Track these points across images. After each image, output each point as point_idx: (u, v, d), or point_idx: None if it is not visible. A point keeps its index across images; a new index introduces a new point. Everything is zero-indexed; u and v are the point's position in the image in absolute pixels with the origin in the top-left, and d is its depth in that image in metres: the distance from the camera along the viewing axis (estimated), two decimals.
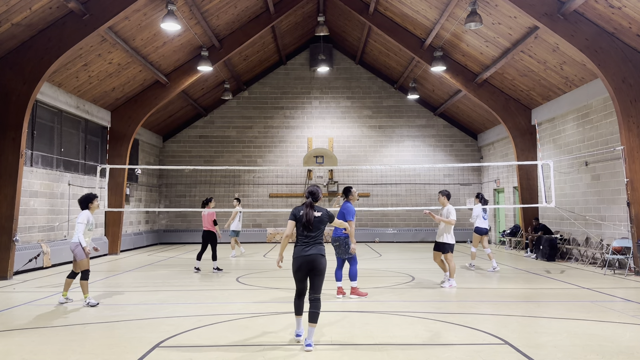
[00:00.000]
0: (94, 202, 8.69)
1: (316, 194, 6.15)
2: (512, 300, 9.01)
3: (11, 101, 12.03)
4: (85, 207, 8.63)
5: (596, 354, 5.57)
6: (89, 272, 8.63)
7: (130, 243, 19.81)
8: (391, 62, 22.32)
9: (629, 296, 9.25)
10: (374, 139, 24.24)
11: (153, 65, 16.70)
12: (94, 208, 8.71)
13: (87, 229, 8.57)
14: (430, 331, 6.65)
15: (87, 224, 8.52)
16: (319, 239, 6.05)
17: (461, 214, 23.88)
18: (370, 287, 10.36)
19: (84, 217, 8.51)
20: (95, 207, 8.72)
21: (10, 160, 11.92)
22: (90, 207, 8.64)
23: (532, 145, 17.95)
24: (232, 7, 16.49)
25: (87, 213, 8.58)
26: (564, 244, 15.76)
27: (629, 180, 12.08)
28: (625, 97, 12.10)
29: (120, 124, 18.13)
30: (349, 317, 7.54)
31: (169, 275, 12.47)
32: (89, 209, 8.64)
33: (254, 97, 24.38)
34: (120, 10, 12.47)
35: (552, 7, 12.36)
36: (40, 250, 13.47)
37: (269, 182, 23.82)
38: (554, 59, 14.47)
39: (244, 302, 8.78)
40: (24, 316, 7.71)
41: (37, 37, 12.16)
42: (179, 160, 23.92)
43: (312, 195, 6.12)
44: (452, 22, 15.57)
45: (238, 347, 5.96)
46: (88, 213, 8.60)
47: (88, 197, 8.68)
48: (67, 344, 6.07)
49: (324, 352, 5.72)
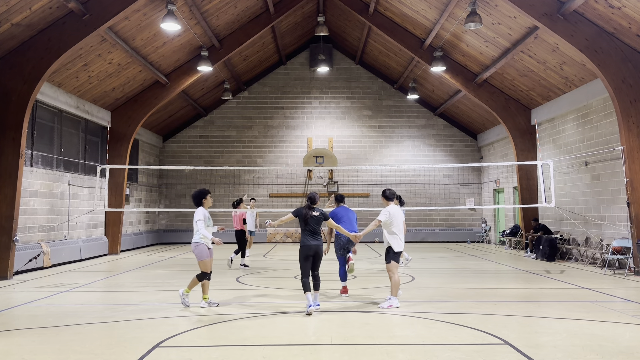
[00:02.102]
0: (207, 198, 8.49)
1: (314, 198, 8.15)
2: (512, 300, 9.01)
3: (11, 101, 12.03)
4: (199, 203, 8.44)
5: (596, 354, 5.58)
6: (211, 272, 8.46)
7: (130, 243, 19.81)
8: (391, 62, 22.32)
9: (629, 296, 9.25)
10: (374, 139, 24.24)
11: (153, 65, 16.70)
12: (208, 204, 8.50)
13: (205, 225, 8.32)
14: (430, 331, 6.65)
15: (204, 219, 8.28)
16: (319, 232, 8.01)
17: (461, 214, 23.92)
18: (370, 287, 10.37)
19: (201, 213, 8.30)
20: (209, 203, 8.51)
21: (10, 160, 11.92)
22: (203, 203, 8.44)
23: (532, 145, 17.95)
24: (232, 7, 16.49)
25: (202, 209, 8.39)
26: (564, 244, 15.77)
27: (629, 180, 12.08)
28: (625, 97, 12.10)
29: (120, 124, 18.12)
30: (349, 317, 7.54)
31: (169, 275, 12.47)
32: (203, 205, 8.45)
33: (254, 97, 24.38)
34: (120, 10, 12.46)
35: (552, 7, 12.36)
36: (40, 250, 13.47)
37: (269, 182, 23.82)
38: (553, 59, 14.47)
39: (244, 302, 8.78)
40: (24, 316, 7.71)
41: (37, 37, 12.16)
42: (179, 160, 23.92)
43: (311, 200, 8.12)
44: (452, 22, 15.57)
45: (238, 347, 5.96)
46: (203, 209, 8.41)
47: (201, 193, 8.49)
48: (67, 344, 6.07)
49: (324, 352, 5.72)
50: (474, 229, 23.63)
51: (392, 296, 8.23)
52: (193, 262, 15.42)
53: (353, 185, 23.94)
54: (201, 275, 8.29)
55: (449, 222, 24.03)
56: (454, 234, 23.69)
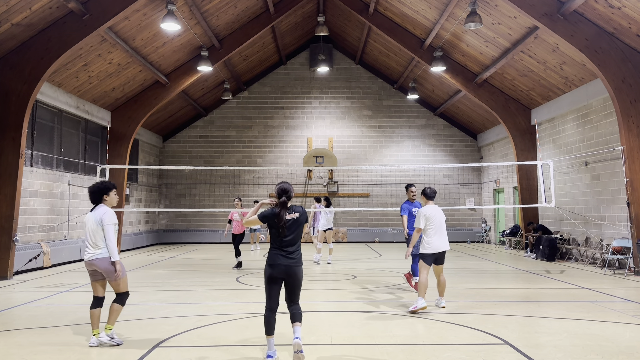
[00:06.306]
0: (111, 194, 6.28)
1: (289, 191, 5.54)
2: (512, 300, 9.01)
3: (11, 101, 12.03)
4: (99, 200, 6.23)
5: (596, 354, 5.57)
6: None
7: (130, 243, 19.81)
8: (391, 62, 22.32)
9: (628, 296, 9.25)
10: (374, 139, 24.24)
11: (153, 65, 16.70)
12: (111, 203, 6.34)
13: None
14: (430, 331, 6.65)
15: (115, 225, 6.20)
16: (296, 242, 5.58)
17: (461, 214, 23.92)
18: (370, 287, 10.37)
19: (113, 216, 6.15)
20: (112, 202, 6.35)
21: (10, 160, 11.92)
22: (105, 201, 6.25)
23: (532, 145, 17.95)
24: (232, 7, 16.49)
25: (112, 211, 6.26)
26: (564, 244, 15.77)
27: (629, 180, 12.08)
28: (625, 97, 12.10)
29: (120, 124, 18.12)
30: (349, 317, 7.54)
31: (169, 275, 12.47)
32: (104, 203, 6.27)
33: (254, 97, 24.37)
34: (120, 10, 12.46)
35: (552, 7, 12.36)
36: (40, 250, 13.48)
37: (269, 182, 23.81)
38: (553, 59, 14.47)
39: (244, 302, 8.78)
40: (24, 316, 7.71)
41: (37, 37, 12.16)
42: (179, 160, 23.91)
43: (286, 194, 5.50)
44: (452, 22, 15.57)
45: (238, 347, 5.96)
46: (112, 210, 6.30)
47: (105, 187, 6.28)
48: (67, 344, 6.06)
49: (324, 352, 5.72)
50: (474, 229, 23.63)
51: (420, 297, 7.79)
52: (193, 262, 15.44)
53: (353, 185, 23.93)
54: (125, 297, 6.22)
55: (449, 222, 23.72)
56: (454, 234, 23.67)
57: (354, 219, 23.95)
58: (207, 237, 23.50)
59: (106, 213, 6.10)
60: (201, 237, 23.58)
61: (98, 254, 6.01)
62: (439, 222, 8.04)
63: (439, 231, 7.99)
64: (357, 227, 23.87)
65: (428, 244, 7.93)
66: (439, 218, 8.06)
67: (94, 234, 6.05)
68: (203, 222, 23.79)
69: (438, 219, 8.04)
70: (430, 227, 7.93)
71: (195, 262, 15.46)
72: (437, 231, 7.95)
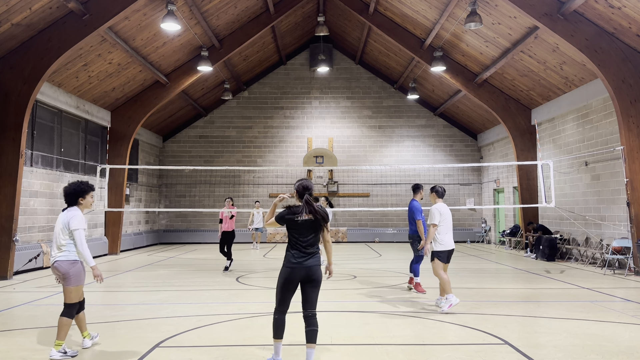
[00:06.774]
0: (87, 197, 5.92)
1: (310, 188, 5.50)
2: (512, 300, 9.01)
3: (11, 101, 12.03)
4: (74, 202, 5.87)
5: (596, 354, 5.58)
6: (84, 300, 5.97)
7: (130, 243, 19.81)
8: (391, 62, 22.32)
9: (628, 296, 9.25)
10: (374, 139, 24.24)
11: (153, 65, 16.70)
12: (87, 206, 5.99)
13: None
14: (430, 331, 6.65)
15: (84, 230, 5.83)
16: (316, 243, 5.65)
17: (461, 214, 23.91)
18: (370, 287, 10.36)
19: (82, 219, 5.77)
20: (88, 205, 6.00)
21: (10, 160, 11.92)
22: (80, 204, 5.90)
23: (532, 145, 17.95)
24: (232, 7, 16.49)
25: (81, 214, 5.83)
26: (564, 244, 15.77)
27: (629, 180, 12.08)
28: (625, 97, 12.10)
29: (120, 124, 18.13)
30: (349, 317, 7.54)
31: (169, 275, 12.47)
32: (79, 206, 5.90)
33: (253, 97, 24.37)
34: (120, 10, 12.46)
35: (552, 7, 12.35)
36: (40, 250, 13.48)
37: (269, 182, 23.81)
38: (553, 59, 14.47)
39: (244, 302, 8.78)
40: (24, 316, 7.71)
41: (37, 37, 12.16)
42: (179, 160, 23.91)
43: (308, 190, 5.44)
44: (452, 22, 15.57)
45: (238, 347, 5.96)
46: (81, 214, 5.86)
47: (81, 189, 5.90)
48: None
49: (324, 352, 5.72)
50: (474, 229, 23.63)
51: (448, 295, 7.76)
52: (193, 262, 15.44)
53: (353, 185, 23.93)
54: (73, 308, 5.70)
55: None
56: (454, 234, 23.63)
57: (354, 219, 23.95)
58: (207, 237, 23.50)
59: (74, 217, 5.69)
60: (201, 237, 23.58)
61: (60, 256, 5.67)
62: (450, 220, 8.20)
63: (450, 229, 8.15)
64: (357, 227, 23.87)
65: (441, 242, 8.05)
66: (449, 216, 8.22)
67: (57, 236, 5.73)
68: (203, 222, 23.79)
69: (449, 217, 8.20)
70: (442, 225, 8.06)
71: (195, 262, 15.46)
72: (449, 229, 8.12)
